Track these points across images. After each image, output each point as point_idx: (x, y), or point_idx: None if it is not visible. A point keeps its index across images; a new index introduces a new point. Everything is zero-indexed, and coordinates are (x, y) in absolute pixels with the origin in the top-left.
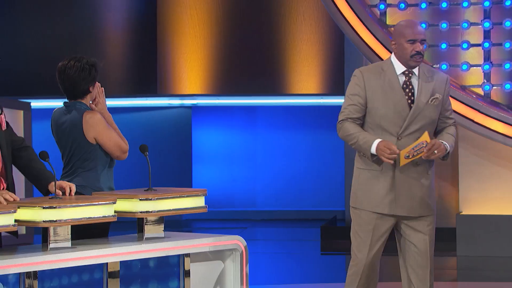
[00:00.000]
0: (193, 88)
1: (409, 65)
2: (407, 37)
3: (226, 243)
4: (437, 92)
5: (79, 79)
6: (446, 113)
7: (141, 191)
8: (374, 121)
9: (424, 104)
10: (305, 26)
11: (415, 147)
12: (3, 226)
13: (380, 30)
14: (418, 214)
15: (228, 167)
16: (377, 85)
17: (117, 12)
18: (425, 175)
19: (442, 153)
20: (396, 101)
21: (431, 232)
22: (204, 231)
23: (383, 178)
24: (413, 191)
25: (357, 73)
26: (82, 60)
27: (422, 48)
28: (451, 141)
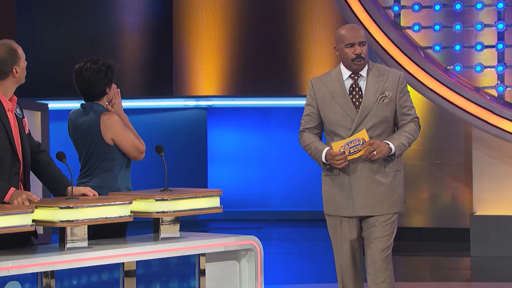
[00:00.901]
0: (208, 89)
1: (352, 68)
2: (345, 41)
3: (241, 243)
4: (387, 90)
5: (96, 80)
6: (403, 110)
7: (157, 192)
8: (327, 128)
9: (373, 104)
10: (319, 28)
11: (350, 143)
12: (21, 226)
13: (394, 31)
14: (379, 212)
15: (243, 168)
16: (325, 92)
17: (133, 15)
18: (382, 173)
19: (383, 155)
20: (342, 105)
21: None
22: (219, 231)
23: (341, 182)
24: (371, 190)
25: (309, 83)
26: (99, 62)
27: (362, 50)
28: (403, 140)
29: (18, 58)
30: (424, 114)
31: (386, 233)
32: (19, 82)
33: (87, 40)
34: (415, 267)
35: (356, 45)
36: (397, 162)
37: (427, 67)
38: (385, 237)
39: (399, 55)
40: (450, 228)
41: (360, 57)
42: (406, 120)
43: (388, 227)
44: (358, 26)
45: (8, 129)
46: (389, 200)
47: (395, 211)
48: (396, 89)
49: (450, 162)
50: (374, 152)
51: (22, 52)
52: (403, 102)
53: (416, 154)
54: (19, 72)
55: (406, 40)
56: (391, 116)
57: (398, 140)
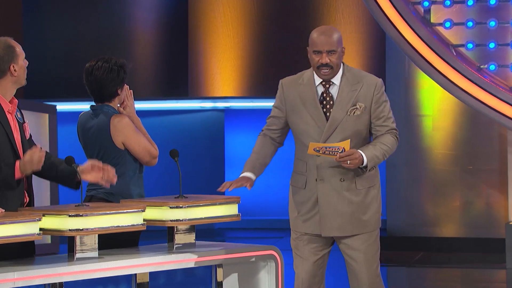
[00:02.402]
0: (226, 90)
1: (318, 75)
2: (313, 47)
3: (261, 253)
4: (360, 101)
5: (107, 80)
6: (378, 121)
7: (171, 199)
8: (296, 136)
9: (343, 116)
10: (344, 25)
11: (329, 148)
12: (28, 235)
13: (423, 28)
14: (350, 233)
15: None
16: (295, 98)
17: (146, 11)
18: (353, 191)
19: (354, 166)
20: (313, 115)
21: (368, 250)
22: (237, 240)
23: (307, 196)
24: (340, 209)
25: (279, 84)
26: (111, 61)
27: (330, 60)
28: (377, 152)
29: (16, 56)
30: (455, 117)
31: (370, 254)
32: (19, 82)
33: (97, 37)
34: (445, 280)
35: (324, 53)
36: (370, 177)
37: (459, 66)
38: (370, 260)
39: (429, 54)
40: (484, 238)
41: (326, 66)
42: (381, 131)
43: (370, 248)
44: (333, 30)
45: (9, 132)
46: (360, 220)
47: (369, 230)
48: (371, 98)
49: (484, 168)
50: (348, 161)
51: (21, 50)
52: (378, 113)
53: (448, 159)
54: (18, 71)
55: (437, 38)
56: (364, 130)
57: (372, 152)
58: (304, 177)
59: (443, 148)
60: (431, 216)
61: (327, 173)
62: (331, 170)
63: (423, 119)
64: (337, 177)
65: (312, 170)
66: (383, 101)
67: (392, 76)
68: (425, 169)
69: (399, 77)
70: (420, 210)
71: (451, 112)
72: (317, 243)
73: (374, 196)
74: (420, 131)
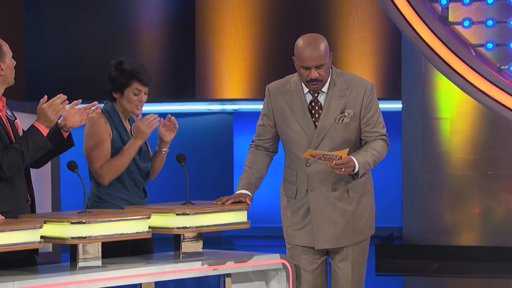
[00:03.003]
0: (235, 92)
1: (308, 88)
2: (300, 62)
3: (271, 262)
4: (349, 107)
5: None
6: (367, 127)
7: (178, 205)
8: (285, 144)
9: (331, 124)
10: (358, 23)
11: (327, 155)
12: (29, 243)
13: (441, 27)
14: (344, 244)
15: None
16: (283, 105)
17: (152, 10)
18: (346, 200)
19: (347, 173)
20: (302, 124)
21: (356, 259)
22: (246, 249)
23: (297, 205)
24: (333, 219)
25: (266, 90)
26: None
27: (318, 74)
28: (368, 158)
29: (3, 54)
30: (474, 120)
31: (358, 264)
32: (7, 82)
33: (100, 37)
34: None
35: (312, 68)
36: (362, 184)
37: (478, 67)
38: (356, 269)
39: (447, 54)
40: (504, 246)
41: (315, 80)
42: (371, 137)
43: (360, 258)
44: (319, 41)
45: (6, 131)
46: (355, 229)
47: (360, 239)
48: (360, 104)
49: (505, 173)
50: (342, 169)
51: (8, 49)
52: (368, 119)
53: (466, 164)
54: (5, 70)
55: (455, 37)
56: (354, 137)
57: (363, 158)
58: (294, 186)
59: (462, 152)
60: (449, 224)
61: (318, 183)
62: (322, 180)
63: (441, 123)
64: (329, 186)
65: (302, 179)
66: (373, 106)
67: (408, 77)
68: (443, 175)
69: (416, 79)
70: (437, 217)
71: (469, 115)
72: (311, 253)
73: (367, 202)
74: (437, 135)
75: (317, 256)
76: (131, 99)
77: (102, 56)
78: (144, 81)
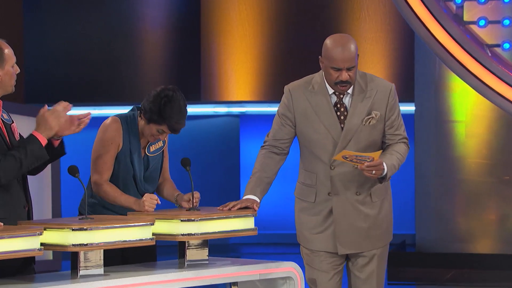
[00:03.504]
0: (242, 94)
1: (334, 89)
2: (331, 63)
3: (279, 270)
4: (375, 109)
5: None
6: (390, 130)
7: (182, 211)
8: (306, 148)
9: (358, 126)
10: (370, 23)
11: (359, 156)
12: (28, 250)
13: (456, 27)
14: (365, 249)
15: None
16: (306, 107)
17: (155, 8)
18: (369, 204)
19: (377, 176)
20: (327, 125)
21: (379, 265)
22: (254, 256)
23: (317, 210)
24: (357, 224)
25: (285, 91)
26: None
27: (349, 76)
28: (394, 161)
29: (2, 60)
30: (490, 123)
31: (379, 269)
32: (4, 89)
33: (103, 37)
34: None
35: (343, 70)
36: (384, 189)
37: (494, 68)
38: (379, 276)
39: (462, 54)
40: None
41: (345, 82)
42: (394, 140)
43: (381, 263)
44: (350, 41)
45: (2, 135)
46: (377, 234)
47: (382, 245)
48: (385, 106)
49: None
50: (373, 171)
51: (10, 55)
52: (391, 122)
53: (482, 169)
54: (3, 77)
55: (470, 37)
56: (379, 140)
57: (391, 161)
58: (313, 189)
59: (477, 157)
60: (464, 231)
61: (342, 187)
62: (346, 183)
63: (455, 126)
64: (353, 190)
65: (324, 183)
66: (397, 108)
67: (421, 79)
68: (458, 180)
69: (429, 80)
70: (452, 224)
71: (485, 118)
72: (333, 259)
73: (387, 208)
74: (452, 138)
75: (338, 262)
76: (153, 132)
77: (104, 57)
78: (175, 132)
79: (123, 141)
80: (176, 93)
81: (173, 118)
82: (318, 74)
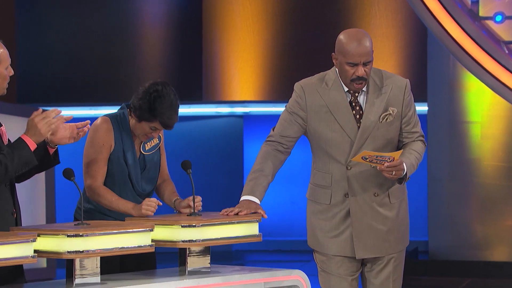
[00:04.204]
0: (245, 93)
1: (350, 87)
2: (347, 58)
3: (285, 278)
4: (392, 105)
5: None
6: (407, 127)
7: (183, 216)
8: (320, 147)
9: (375, 123)
10: (380, 18)
11: (379, 157)
12: (21, 258)
13: (471, 23)
14: (385, 253)
15: (287, 188)
16: (321, 104)
17: (155, 4)
18: (387, 205)
19: (397, 177)
20: (344, 124)
21: (395, 270)
22: (258, 264)
23: (332, 212)
24: (375, 226)
25: (297, 88)
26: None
27: (365, 71)
28: (413, 160)
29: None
30: (507, 123)
31: (396, 275)
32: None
33: (100, 34)
34: None
35: (360, 65)
36: (401, 190)
37: (511, 65)
38: (396, 282)
39: (477, 51)
40: None
41: (362, 78)
42: (412, 138)
43: (398, 268)
44: (366, 36)
45: None
46: (396, 237)
47: (401, 249)
48: (401, 102)
49: None
50: (393, 172)
51: (6, 56)
52: (408, 118)
53: (498, 172)
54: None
55: (486, 33)
56: (396, 138)
57: (410, 161)
58: (328, 191)
59: (493, 159)
60: (480, 238)
61: (359, 188)
62: (364, 184)
63: (471, 127)
64: (371, 191)
65: (340, 183)
66: (412, 104)
67: (435, 77)
68: (473, 184)
69: (443, 79)
70: (467, 230)
71: (502, 118)
72: (350, 264)
73: (405, 210)
74: (466, 140)
75: (355, 267)
76: (145, 131)
77: (101, 55)
78: (167, 127)
79: (115, 141)
80: (166, 87)
81: (165, 113)
82: (331, 71)
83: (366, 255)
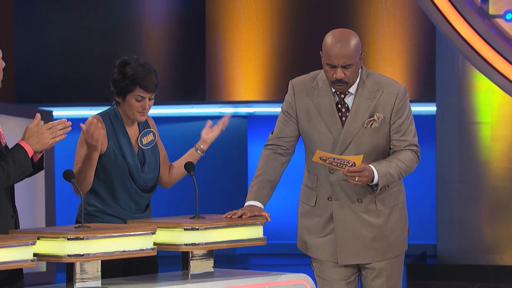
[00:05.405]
0: (249, 93)
1: (333, 88)
2: (327, 58)
3: (290, 282)
4: (378, 111)
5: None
6: (396, 135)
7: (186, 219)
8: (307, 146)
9: (358, 129)
10: (388, 17)
11: (338, 160)
12: (20, 261)
13: (480, 21)
14: (371, 260)
15: (292, 190)
16: (309, 104)
17: (157, 2)
18: (373, 212)
19: (362, 183)
20: (329, 125)
21: (390, 277)
22: (262, 268)
23: (316, 214)
24: (360, 233)
25: (289, 86)
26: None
27: (344, 74)
28: (392, 168)
29: None
30: None
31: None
32: None
33: (100, 33)
34: None
35: (338, 68)
36: (393, 195)
37: None
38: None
39: (487, 50)
40: None
41: (340, 81)
42: (400, 147)
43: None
44: (350, 37)
45: None
46: (384, 245)
47: (392, 256)
48: (391, 108)
49: None
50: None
51: None
52: (398, 126)
53: (509, 174)
54: None
55: (496, 32)
56: (384, 144)
57: (385, 168)
58: (314, 192)
59: (503, 161)
60: (489, 241)
61: (342, 192)
62: (346, 188)
63: (480, 128)
64: (353, 196)
65: (325, 186)
66: (405, 111)
67: (443, 77)
68: (483, 186)
69: (452, 78)
70: (476, 233)
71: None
72: (346, 267)
73: (398, 216)
74: (476, 141)
75: (348, 272)
76: (133, 105)
77: (102, 54)
78: (148, 88)
79: (109, 139)
80: (131, 56)
81: (139, 74)
82: (321, 73)
83: (350, 261)
